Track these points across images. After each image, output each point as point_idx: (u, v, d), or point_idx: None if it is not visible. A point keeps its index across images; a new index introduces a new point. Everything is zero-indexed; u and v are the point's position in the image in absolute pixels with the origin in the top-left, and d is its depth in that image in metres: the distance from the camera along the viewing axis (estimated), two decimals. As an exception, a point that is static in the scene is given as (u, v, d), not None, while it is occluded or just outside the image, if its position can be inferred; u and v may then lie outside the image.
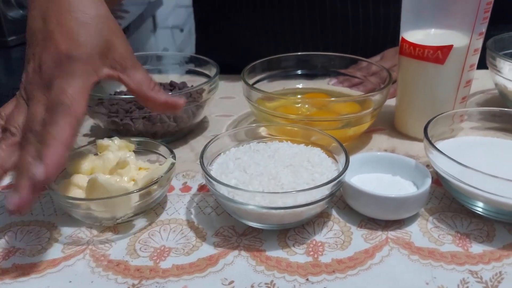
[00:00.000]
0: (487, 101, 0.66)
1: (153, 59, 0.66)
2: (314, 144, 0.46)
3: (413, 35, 0.51)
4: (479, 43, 0.50)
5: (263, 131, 0.50)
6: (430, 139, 0.44)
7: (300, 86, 0.62)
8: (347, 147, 0.53)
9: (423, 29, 0.51)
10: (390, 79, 0.53)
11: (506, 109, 0.49)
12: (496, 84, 0.61)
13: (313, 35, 0.73)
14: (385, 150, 0.53)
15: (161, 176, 0.40)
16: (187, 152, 0.53)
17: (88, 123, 0.61)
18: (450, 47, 0.49)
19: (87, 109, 0.37)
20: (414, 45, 0.50)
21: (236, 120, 0.62)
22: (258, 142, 0.48)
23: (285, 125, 0.50)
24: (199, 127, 0.59)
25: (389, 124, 0.58)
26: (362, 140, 0.55)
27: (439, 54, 0.49)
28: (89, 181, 0.40)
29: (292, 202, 0.36)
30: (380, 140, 0.55)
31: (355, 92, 0.61)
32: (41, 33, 0.37)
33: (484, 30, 0.50)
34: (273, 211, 0.37)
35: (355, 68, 0.61)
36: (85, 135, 0.59)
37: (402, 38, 0.52)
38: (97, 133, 0.58)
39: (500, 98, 0.63)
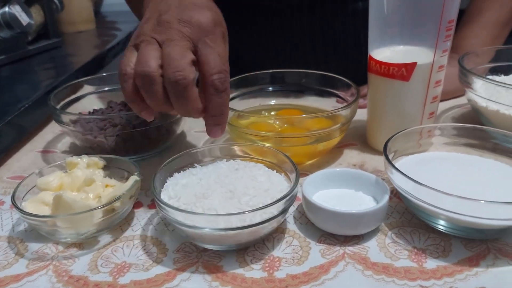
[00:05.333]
0: (463, 115, 0.67)
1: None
2: (270, 162, 0.47)
3: (380, 52, 0.52)
4: (444, 60, 0.51)
5: (224, 148, 0.50)
6: (389, 154, 0.45)
7: (274, 102, 0.64)
8: (317, 162, 0.55)
9: (389, 47, 0.52)
10: (358, 95, 0.54)
11: (475, 125, 0.49)
12: (468, 100, 0.61)
13: (304, 52, 0.76)
14: (354, 165, 0.54)
15: (123, 193, 0.41)
16: (160, 169, 0.54)
17: (67, 140, 0.62)
18: (414, 64, 0.50)
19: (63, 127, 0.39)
20: (380, 63, 0.51)
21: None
22: (209, 163, 0.48)
23: (236, 145, 0.50)
24: (176, 143, 0.60)
25: (362, 140, 0.59)
26: (333, 155, 0.56)
27: (404, 71, 0.50)
28: (54, 198, 0.41)
29: (237, 223, 0.37)
30: (351, 155, 0.56)
31: (329, 108, 0.62)
32: None
33: (448, 47, 0.51)
34: (228, 232, 0.37)
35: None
36: (63, 152, 0.60)
37: (369, 56, 0.53)
38: (75, 151, 0.60)
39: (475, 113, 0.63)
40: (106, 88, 0.65)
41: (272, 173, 0.45)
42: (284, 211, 0.39)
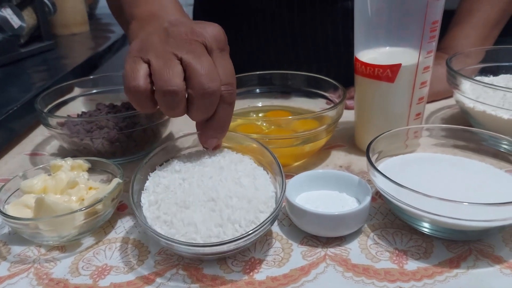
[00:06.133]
0: (453, 116, 0.67)
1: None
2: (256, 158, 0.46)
3: (366, 54, 0.52)
4: (429, 61, 0.51)
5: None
6: (374, 155, 0.45)
7: (263, 103, 0.64)
8: (304, 164, 0.55)
9: (375, 48, 0.52)
10: (344, 96, 0.54)
11: (462, 127, 0.49)
12: (457, 101, 0.61)
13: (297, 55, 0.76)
14: (341, 167, 0.54)
15: (105, 196, 0.41)
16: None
17: (56, 143, 0.63)
18: (399, 66, 0.50)
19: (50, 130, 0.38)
20: (366, 64, 0.51)
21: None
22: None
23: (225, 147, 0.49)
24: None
25: (350, 141, 0.59)
26: (320, 157, 0.56)
27: (389, 72, 0.50)
28: (36, 201, 0.41)
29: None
30: (338, 156, 0.56)
31: (317, 110, 0.62)
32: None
33: (433, 48, 0.51)
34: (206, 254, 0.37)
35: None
36: (52, 154, 0.61)
37: (355, 57, 0.53)
38: (63, 154, 0.60)
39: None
40: (94, 91, 0.65)
41: (258, 172, 0.43)
42: (266, 228, 0.38)
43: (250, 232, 0.36)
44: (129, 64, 0.40)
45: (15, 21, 0.83)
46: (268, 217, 0.37)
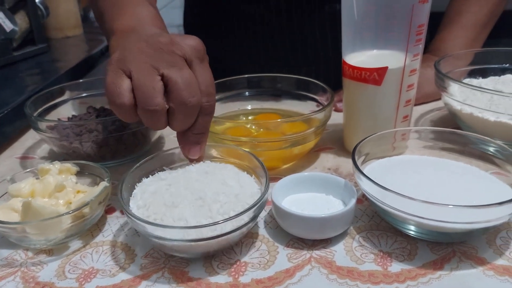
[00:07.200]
0: (442, 118, 0.67)
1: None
2: (240, 163, 0.47)
3: (353, 57, 0.53)
4: (415, 64, 0.51)
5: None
6: (360, 158, 0.45)
7: (253, 106, 0.64)
8: (293, 166, 0.55)
9: (362, 51, 0.52)
10: (332, 99, 0.54)
11: (449, 129, 0.49)
12: (445, 104, 0.62)
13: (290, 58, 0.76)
14: (329, 169, 0.54)
15: (91, 199, 0.41)
16: (136, 174, 0.54)
17: (46, 146, 0.63)
18: (385, 69, 0.50)
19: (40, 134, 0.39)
20: (353, 67, 0.52)
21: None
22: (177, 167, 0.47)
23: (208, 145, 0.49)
24: (155, 148, 0.61)
25: (339, 143, 0.59)
26: (309, 159, 0.56)
27: (376, 75, 0.50)
28: (23, 204, 0.41)
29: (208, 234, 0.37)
30: (327, 159, 0.56)
31: (306, 112, 0.62)
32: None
33: (420, 51, 0.51)
34: (198, 242, 0.37)
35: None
36: (42, 158, 0.61)
37: (343, 60, 0.53)
38: (54, 157, 0.60)
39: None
40: (85, 94, 0.65)
41: (242, 175, 0.45)
42: (254, 217, 0.39)
43: (239, 213, 0.37)
44: (111, 77, 0.41)
45: (7, 25, 0.83)
46: (257, 201, 0.38)
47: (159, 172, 0.45)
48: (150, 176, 0.45)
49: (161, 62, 0.40)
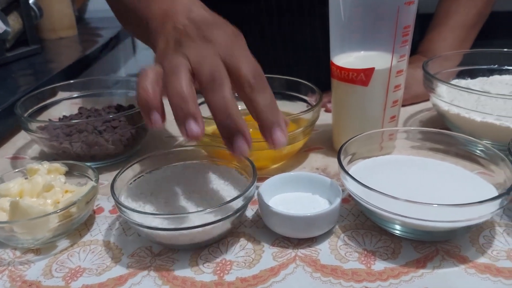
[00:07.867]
0: (431, 118, 0.68)
1: (108, 82, 0.68)
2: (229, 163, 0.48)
3: (341, 58, 0.53)
4: (402, 65, 0.52)
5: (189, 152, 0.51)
6: (346, 157, 0.46)
7: (243, 107, 0.64)
8: (282, 166, 0.56)
9: (350, 53, 0.53)
10: (320, 99, 0.55)
11: (437, 129, 0.50)
12: (433, 105, 0.62)
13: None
14: (317, 169, 0.54)
15: (79, 199, 0.41)
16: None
17: (37, 146, 0.63)
18: (372, 70, 0.50)
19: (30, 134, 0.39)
20: (341, 68, 0.52)
21: (184, 141, 0.63)
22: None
23: (197, 146, 0.51)
24: (146, 149, 0.61)
25: (329, 143, 0.60)
26: (297, 159, 0.57)
27: (363, 76, 0.51)
28: (10, 204, 0.41)
29: (198, 222, 0.38)
30: (315, 158, 0.57)
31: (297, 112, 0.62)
32: None
33: (406, 53, 0.52)
34: (182, 231, 0.38)
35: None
36: (33, 158, 0.61)
37: (331, 61, 0.54)
38: (44, 157, 0.60)
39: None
40: (76, 95, 0.66)
41: (232, 174, 0.46)
42: (241, 209, 0.40)
43: (236, 197, 0.39)
44: (170, 63, 0.39)
45: (0, 26, 0.83)
46: (243, 191, 0.40)
47: (151, 172, 0.47)
48: (141, 176, 0.46)
49: (225, 50, 0.42)
